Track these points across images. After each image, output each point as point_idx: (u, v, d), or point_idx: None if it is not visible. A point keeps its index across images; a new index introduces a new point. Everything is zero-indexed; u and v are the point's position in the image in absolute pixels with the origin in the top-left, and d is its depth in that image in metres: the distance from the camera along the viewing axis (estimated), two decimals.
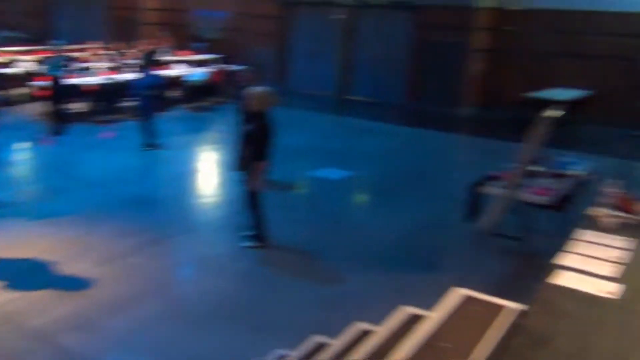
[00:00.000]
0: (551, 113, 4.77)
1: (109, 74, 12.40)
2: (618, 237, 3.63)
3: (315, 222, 6.74)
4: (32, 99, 11.83)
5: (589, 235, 3.73)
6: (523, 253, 5.58)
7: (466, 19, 13.25)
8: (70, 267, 5.30)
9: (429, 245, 6.15)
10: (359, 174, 8.69)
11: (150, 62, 9.08)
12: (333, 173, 8.55)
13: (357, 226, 6.72)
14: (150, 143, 9.36)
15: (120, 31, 20.12)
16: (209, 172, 9.04)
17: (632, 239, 3.54)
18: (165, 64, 14.93)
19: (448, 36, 13.61)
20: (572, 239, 3.64)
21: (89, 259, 5.47)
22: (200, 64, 15.91)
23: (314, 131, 11.57)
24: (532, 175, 5.76)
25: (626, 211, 4.31)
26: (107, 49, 16.45)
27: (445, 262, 5.74)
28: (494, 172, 6.09)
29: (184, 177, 8.26)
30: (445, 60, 13.85)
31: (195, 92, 13.24)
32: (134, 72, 10.72)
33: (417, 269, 5.55)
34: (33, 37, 21.45)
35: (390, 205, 7.38)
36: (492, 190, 5.58)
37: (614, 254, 3.38)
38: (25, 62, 14.02)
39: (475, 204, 5.77)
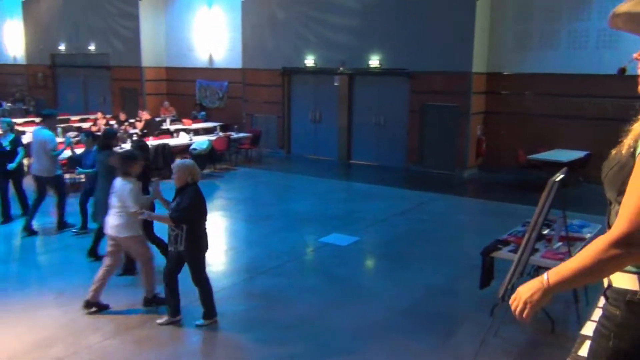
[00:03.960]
0: (559, 175, 4.83)
1: None
2: None
3: (323, 289, 6.68)
4: None
5: None
6: (542, 320, 5.51)
7: (462, 84, 13.64)
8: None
9: (444, 312, 6.07)
10: (365, 239, 8.69)
11: (104, 139, 7.88)
12: (340, 239, 8.55)
13: (367, 293, 6.67)
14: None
15: (123, 102, 20.63)
16: (213, 239, 9.01)
17: None
18: (169, 133, 15.22)
19: (445, 100, 13.98)
20: (595, 307, 3.60)
21: (99, 333, 5.40)
22: (202, 132, 16.23)
23: (319, 196, 11.65)
24: (543, 239, 5.78)
25: None
26: (110, 119, 16.80)
27: (463, 330, 5.65)
28: (503, 235, 6.11)
29: None
30: (444, 123, 14.17)
31: (199, 160, 13.38)
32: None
33: (433, 338, 5.45)
34: (36, 109, 21.98)
35: (399, 271, 7.34)
36: (505, 255, 5.57)
37: None
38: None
39: (488, 270, 5.74)
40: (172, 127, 16.28)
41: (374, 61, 14.92)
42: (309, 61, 16.06)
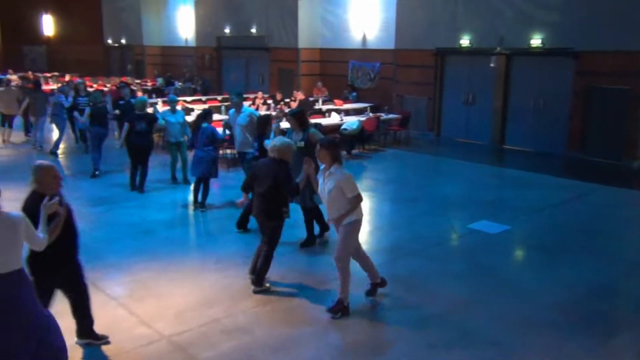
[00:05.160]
0: None
1: None
2: None
3: (469, 277, 6.52)
4: None
5: None
6: None
7: (638, 64, 12.31)
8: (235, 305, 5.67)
9: (603, 312, 5.62)
10: (517, 229, 8.29)
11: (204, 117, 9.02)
12: (490, 226, 8.24)
13: (515, 284, 6.38)
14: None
15: (279, 82, 21.60)
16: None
17: None
18: (321, 113, 15.68)
19: (615, 83, 12.74)
20: None
21: (253, 298, 5.80)
22: (353, 112, 16.48)
23: (469, 181, 11.32)
24: None
25: None
26: (267, 98, 17.69)
27: (625, 334, 5.20)
28: None
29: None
30: (612, 108, 12.94)
31: (349, 140, 13.65)
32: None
33: (589, 339, 5.09)
34: (203, 89, 23.85)
35: (554, 265, 6.92)
36: None
37: None
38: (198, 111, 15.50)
39: None
40: (324, 107, 16.73)
41: (536, 40, 14.00)
42: (464, 41, 15.52)
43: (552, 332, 5.21)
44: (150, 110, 11.99)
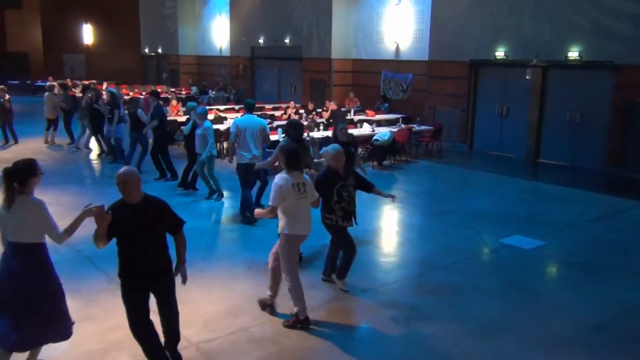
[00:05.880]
0: None
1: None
2: None
3: (501, 293, 6.38)
4: None
5: None
6: None
7: None
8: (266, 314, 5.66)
9: (637, 334, 5.44)
10: (552, 245, 8.09)
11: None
12: (523, 241, 8.07)
13: (549, 302, 6.22)
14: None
15: (311, 92, 21.69)
16: (389, 231, 9.10)
17: None
18: (353, 124, 15.66)
19: None
20: None
21: (281, 308, 5.78)
22: (385, 123, 16.42)
23: (502, 195, 11.12)
24: None
25: None
26: (299, 108, 17.76)
27: None
28: None
29: (365, 234, 8.39)
30: None
31: (380, 151, 13.60)
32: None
33: (625, 359, 4.92)
34: (236, 98, 24.12)
35: (589, 282, 6.73)
36: None
37: None
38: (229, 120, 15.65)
39: None
40: (356, 118, 16.73)
41: (573, 53, 13.74)
42: (499, 53, 15.33)
43: (584, 352, 5.06)
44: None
